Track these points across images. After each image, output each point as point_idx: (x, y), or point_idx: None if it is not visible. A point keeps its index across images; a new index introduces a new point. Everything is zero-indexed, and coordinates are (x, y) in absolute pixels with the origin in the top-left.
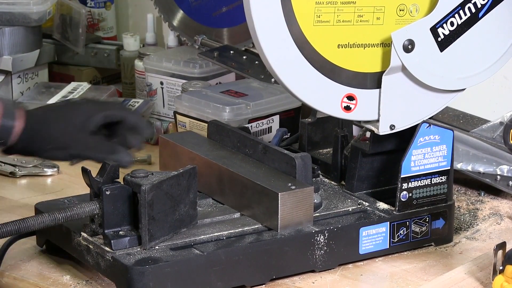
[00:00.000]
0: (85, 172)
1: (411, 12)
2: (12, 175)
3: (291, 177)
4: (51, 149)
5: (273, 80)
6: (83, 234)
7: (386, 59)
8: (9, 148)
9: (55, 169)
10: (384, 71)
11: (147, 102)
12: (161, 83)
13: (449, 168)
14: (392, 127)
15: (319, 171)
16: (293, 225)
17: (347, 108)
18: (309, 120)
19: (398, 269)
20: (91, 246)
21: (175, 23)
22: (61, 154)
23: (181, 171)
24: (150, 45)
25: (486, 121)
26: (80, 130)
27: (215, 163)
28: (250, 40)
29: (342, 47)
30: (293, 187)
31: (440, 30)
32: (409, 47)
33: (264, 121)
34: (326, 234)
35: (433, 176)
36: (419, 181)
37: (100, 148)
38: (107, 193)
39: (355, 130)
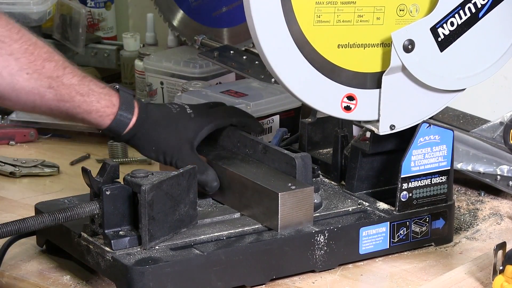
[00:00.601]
0: (85, 172)
1: (411, 12)
2: (12, 175)
3: (291, 177)
4: (153, 151)
5: (273, 80)
6: (83, 234)
7: (386, 59)
8: (118, 137)
9: (55, 169)
10: (384, 71)
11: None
12: (161, 83)
13: (449, 168)
14: (392, 127)
15: (319, 171)
16: (293, 225)
17: (347, 108)
18: (309, 120)
19: (398, 269)
20: (91, 246)
21: (175, 23)
22: (159, 158)
23: (181, 171)
24: (150, 45)
25: (486, 121)
26: (184, 144)
27: (214, 163)
28: (250, 40)
29: (342, 47)
30: (293, 187)
31: (440, 30)
32: (409, 47)
33: (264, 121)
34: (326, 234)
35: (433, 176)
36: (419, 181)
37: (191, 163)
38: (107, 193)
39: (355, 130)
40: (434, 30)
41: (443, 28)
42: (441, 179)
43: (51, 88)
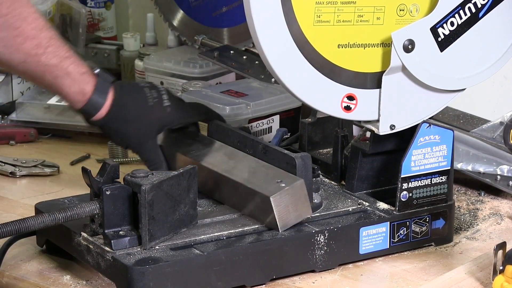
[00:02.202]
0: (85, 172)
1: (411, 12)
2: (12, 175)
3: (280, 170)
4: (119, 142)
5: (273, 80)
6: (83, 234)
7: (386, 59)
8: (90, 122)
9: (55, 169)
10: (384, 71)
11: None
12: (161, 83)
13: (449, 168)
14: (392, 127)
15: (319, 171)
16: (293, 220)
17: (347, 108)
18: (309, 120)
19: (398, 269)
20: (91, 246)
21: (175, 23)
22: (126, 148)
23: (181, 171)
24: (150, 45)
25: (486, 121)
26: (148, 139)
27: (203, 166)
28: (250, 40)
29: (342, 47)
30: (283, 184)
31: (440, 30)
32: (409, 47)
33: (264, 121)
34: (326, 234)
35: (433, 176)
36: (419, 181)
37: (150, 160)
38: (107, 193)
39: (355, 130)
40: (434, 30)
41: (443, 28)
42: (441, 179)
43: (24, 62)
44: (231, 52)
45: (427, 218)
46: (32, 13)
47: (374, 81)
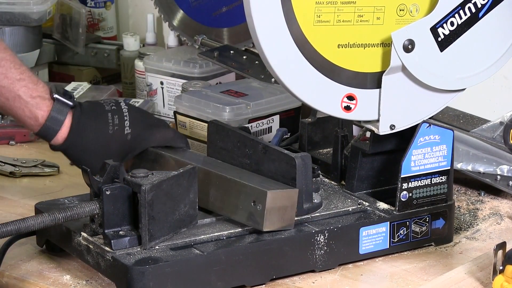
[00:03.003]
0: (85, 172)
1: (411, 12)
2: (12, 175)
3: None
4: (81, 168)
5: (273, 80)
6: (83, 234)
7: (386, 59)
8: (52, 146)
9: (55, 169)
10: (384, 71)
11: (147, 102)
12: (161, 83)
13: (449, 168)
14: (392, 127)
15: (319, 171)
16: (276, 224)
17: (347, 108)
18: (309, 120)
19: (398, 269)
20: (91, 246)
21: (175, 23)
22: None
23: (181, 171)
24: (150, 45)
25: (486, 121)
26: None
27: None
28: (250, 40)
29: (342, 47)
30: (259, 207)
31: (440, 30)
32: (409, 47)
33: (264, 121)
34: (326, 234)
35: (433, 176)
36: (419, 181)
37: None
38: (107, 193)
39: (355, 130)
40: (434, 30)
41: (443, 28)
42: (441, 179)
43: None
44: (231, 52)
45: (427, 218)
46: None
47: (374, 81)
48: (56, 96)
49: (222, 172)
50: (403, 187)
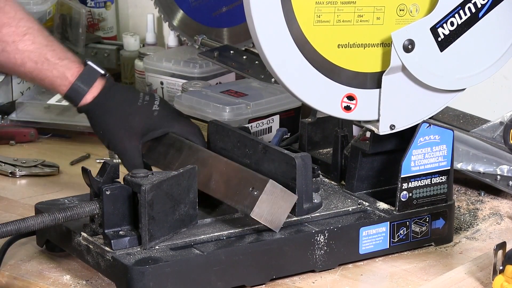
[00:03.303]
0: (85, 172)
1: (411, 12)
2: (12, 175)
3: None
4: (99, 134)
5: (273, 80)
6: (83, 234)
7: (386, 59)
8: (79, 108)
9: (55, 169)
10: (384, 71)
11: None
12: (161, 83)
13: (449, 168)
14: (392, 127)
15: (319, 171)
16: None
17: (347, 108)
18: (309, 120)
19: (398, 269)
20: (91, 246)
21: (175, 23)
22: (104, 142)
23: (181, 171)
24: (150, 45)
25: (486, 121)
26: (127, 138)
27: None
28: (250, 40)
29: (342, 47)
30: (256, 192)
31: (440, 30)
32: (409, 47)
33: (264, 121)
34: (326, 234)
35: (433, 176)
36: (419, 181)
37: (129, 160)
38: (107, 193)
39: (355, 130)
40: (434, 30)
41: (443, 28)
42: (441, 179)
43: (4, 51)
44: (231, 52)
45: (427, 218)
46: (11, 5)
47: (374, 81)
48: (88, 61)
49: (233, 162)
50: (403, 187)
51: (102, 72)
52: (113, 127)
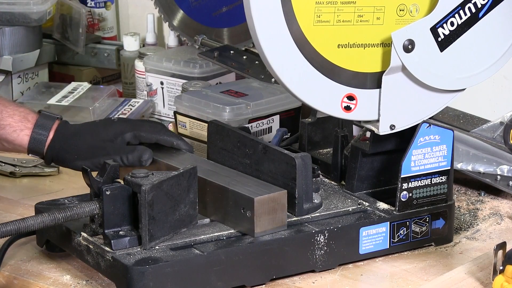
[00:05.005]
0: (85, 172)
1: (411, 12)
2: (12, 175)
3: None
4: (76, 160)
5: (273, 80)
6: (83, 234)
7: (386, 59)
8: (43, 157)
9: (55, 169)
10: (384, 71)
11: (147, 102)
12: (161, 83)
13: (449, 168)
14: (392, 127)
15: (319, 171)
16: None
17: (347, 108)
18: (309, 120)
19: (398, 269)
20: (91, 246)
21: (175, 23)
22: (86, 164)
23: (181, 171)
24: (150, 45)
25: (486, 121)
26: (106, 143)
27: None
28: (250, 40)
29: (342, 47)
30: (248, 213)
31: (440, 30)
32: (409, 47)
33: (264, 121)
34: (326, 234)
35: (433, 176)
36: (419, 181)
37: (120, 150)
38: (107, 193)
39: (355, 130)
40: (434, 30)
41: (443, 28)
42: (441, 179)
43: None
44: (231, 52)
45: (427, 218)
46: None
47: (374, 81)
48: (42, 110)
49: (213, 178)
50: (403, 187)
51: (58, 116)
52: (85, 144)
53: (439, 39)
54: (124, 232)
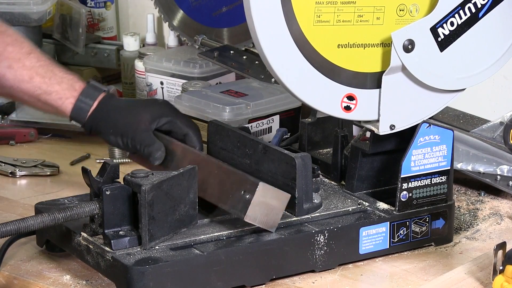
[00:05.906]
0: (85, 172)
1: (411, 12)
2: (12, 175)
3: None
4: (111, 134)
5: (273, 80)
6: (83, 234)
7: (386, 59)
8: (83, 126)
9: (55, 169)
10: (384, 71)
11: None
12: (161, 83)
13: (449, 168)
14: (392, 127)
15: (319, 171)
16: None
17: (347, 108)
18: (309, 120)
19: (398, 269)
20: (91, 246)
21: (175, 23)
22: (117, 141)
23: (181, 171)
24: (150, 45)
25: (486, 121)
26: (139, 124)
27: None
28: (250, 40)
29: (342, 47)
30: (248, 196)
31: (440, 30)
32: (409, 47)
33: (264, 121)
34: (326, 234)
35: (433, 176)
36: (419, 181)
37: (145, 139)
38: (107, 193)
39: (355, 130)
40: (434, 30)
41: (443, 28)
42: (441, 179)
43: (11, 68)
44: (231, 52)
45: (427, 218)
46: (12, 30)
47: (374, 81)
48: (91, 81)
49: (224, 163)
50: (403, 187)
51: (105, 89)
52: (123, 119)
53: (439, 39)
54: (124, 232)
